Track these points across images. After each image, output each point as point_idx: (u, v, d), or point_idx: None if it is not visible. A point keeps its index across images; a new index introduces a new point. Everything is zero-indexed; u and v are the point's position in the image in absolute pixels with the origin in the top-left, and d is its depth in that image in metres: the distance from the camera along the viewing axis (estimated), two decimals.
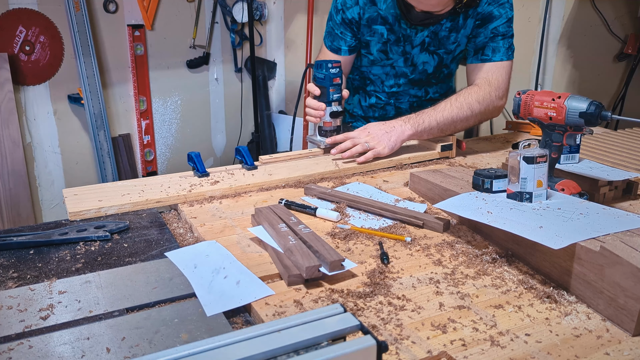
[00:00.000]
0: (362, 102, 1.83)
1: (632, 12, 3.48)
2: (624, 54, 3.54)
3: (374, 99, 1.80)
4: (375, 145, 1.46)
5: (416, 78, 1.73)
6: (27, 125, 2.51)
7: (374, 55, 1.69)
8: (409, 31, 1.61)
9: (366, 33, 1.64)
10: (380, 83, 1.76)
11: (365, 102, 1.83)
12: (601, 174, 1.19)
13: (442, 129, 1.53)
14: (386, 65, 1.71)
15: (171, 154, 2.89)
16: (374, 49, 1.67)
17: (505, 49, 1.59)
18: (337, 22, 1.65)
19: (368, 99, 1.82)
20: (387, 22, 1.61)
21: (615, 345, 0.75)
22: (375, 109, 1.82)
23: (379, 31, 1.62)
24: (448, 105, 1.53)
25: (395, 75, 1.73)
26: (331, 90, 1.51)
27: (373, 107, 1.82)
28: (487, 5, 1.55)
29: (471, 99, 1.54)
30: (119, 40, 2.59)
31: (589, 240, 0.84)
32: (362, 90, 1.81)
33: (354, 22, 1.63)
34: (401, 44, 1.64)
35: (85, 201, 1.18)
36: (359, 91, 1.83)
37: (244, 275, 0.90)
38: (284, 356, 0.56)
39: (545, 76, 3.39)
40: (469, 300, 0.84)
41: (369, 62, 1.72)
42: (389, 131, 1.48)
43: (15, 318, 0.79)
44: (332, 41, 1.70)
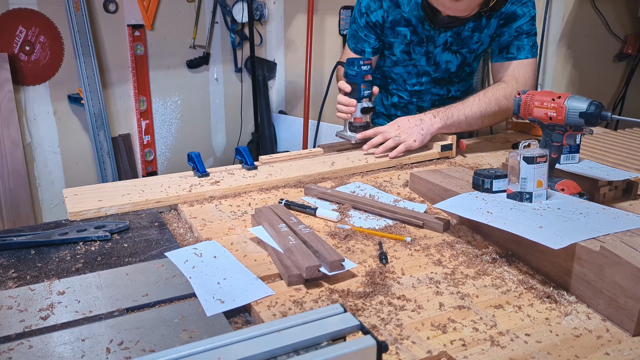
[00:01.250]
0: (384, 101, 1.84)
1: (632, 12, 3.48)
2: (624, 54, 3.54)
3: (395, 97, 1.81)
4: (405, 138, 1.49)
5: (439, 77, 1.73)
6: (27, 125, 2.51)
7: (397, 56, 1.70)
8: (432, 32, 1.62)
9: (389, 35, 1.65)
10: (403, 82, 1.77)
11: (387, 101, 1.84)
12: (601, 174, 1.19)
13: (470, 123, 1.56)
14: (408, 65, 1.72)
15: (171, 154, 2.89)
16: (397, 50, 1.68)
17: (529, 46, 1.61)
18: (361, 25, 1.67)
19: (390, 97, 1.82)
20: (411, 24, 1.62)
21: (615, 345, 0.75)
22: (398, 107, 1.83)
23: (402, 33, 1.64)
24: (476, 100, 1.56)
25: (417, 74, 1.73)
26: (362, 87, 1.54)
27: (395, 106, 1.83)
28: (510, 5, 1.56)
29: (499, 95, 1.57)
30: (119, 40, 2.59)
31: (589, 240, 0.84)
32: (384, 90, 1.82)
33: (377, 25, 1.64)
34: (424, 44, 1.65)
35: (85, 201, 1.18)
36: (381, 90, 1.83)
37: (244, 275, 0.90)
38: (284, 356, 0.56)
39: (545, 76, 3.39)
40: (469, 300, 0.84)
41: (392, 62, 1.73)
42: (418, 124, 1.51)
43: (15, 318, 0.79)
44: (356, 43, 1.71)
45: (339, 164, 1.44)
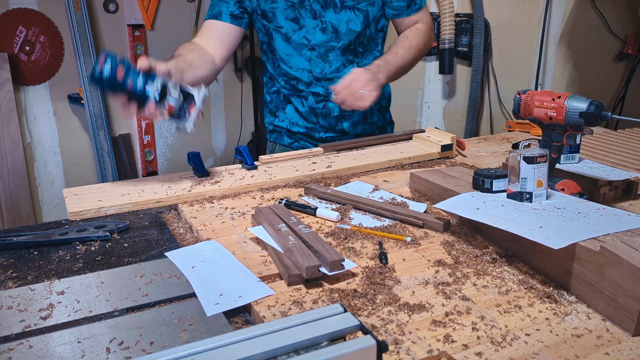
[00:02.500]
0: (301, 108, 1.66)
1: (632, 12, 3.48)
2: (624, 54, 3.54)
3: (311, 98, 1.64)
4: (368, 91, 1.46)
5: (345, 44, 1.58)
6: (27, 125, 2.51)
7: (284, 27, 1.55)
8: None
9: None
10: (309, 73, 1.61)
11: (304, 107, 1.66)
12: (601, 174, 1.19)
13: (401, 73, 1.61)
14: (304, 44, 1.56)
15: (171, 154, 2.89)
16: (282, 18, 1.54)
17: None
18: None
19: (305, 102, 1.65)
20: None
21: (615, 345, 0.75)
22: (317, 110, 1.66)
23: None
24: (407, 53, 1.61)
25: (321, 55, 1.58)
26: (129, 83, 1.10)
27: (313, 110, 1.66)
28: None
29: (421, 45, 1.64)
30: (119, 40, 2.59)
31: (589, 240, 0.84)
32: (295, 95, 1.66)
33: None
34: (307, 4, 1.52)
35: (85, 201, 1.18)
36: (290, 99, 1.67)
37: (244, 275, 0.90)
38: (284, 356, 0.56)
39: (545, 76, 3.39)
40: (469, 300, 0.84)
41: (283, 39, 1.57)
42: (371, 77, 1.48)
43: (15, 318, 0.79)
44: (213, 9, 1.55)
45: (339, 164, 1.44)
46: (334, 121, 1.67)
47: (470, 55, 3.05)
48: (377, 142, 1.61)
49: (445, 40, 2.97)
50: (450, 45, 2.98)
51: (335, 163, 1.44)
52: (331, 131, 1.68)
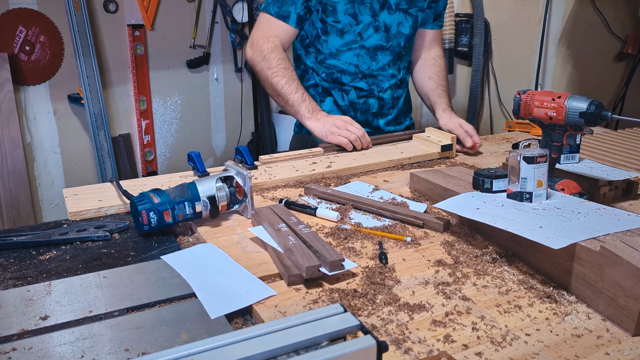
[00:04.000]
0: (340, 102, 1.69)
1: (632, 12, 3.48)
2: (624, 54, 3.54)
3: (352, 93, 1.66)
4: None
5: (393, 47, 1.64)
6: (27, 125, 2.51)
7: (342, 23, 1.56)
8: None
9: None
10: (355, 68, 1.64)
11: (343, 101, 1.68)
12: (601, 174, 1.19)
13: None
14: (356, 41, 1.60)
15: (171, 154, 2.88)
16: (342, 12, 1.56)
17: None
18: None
19: (346, 96, 1.67)
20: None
21: (615, 345, 0.75)
22: (356, 106, 1.69)
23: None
24: (447, 87, 1.75)
25: (369, 52, 1.62)
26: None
27: (353, 105, 1.69)
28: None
29: (446, 74, 1.75)
30: (119, 40, 2.59)
31: (589, 240, 0.84)
32: (336, 89, 1.67)
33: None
34: (367, 1, 1.57)
35: (85, 201, 1.18)
36: (331, 92, 1.69)
37: (244, 277, 0.90)
38: (284, 356, 0.56)
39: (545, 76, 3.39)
40: (469, 300, 0.84)
41: (336, 41, 1.59)
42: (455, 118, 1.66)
43: (15, 318, 0.79)
44: (281, 7, 1.55)
45: (339, 164, 1.44)
46: (371, 117, 1.71)
47: (470, 55, 3.05)
48: (378, 142, 1.61)
49: (445, 40, 2.97)
50: (450, 45, 2.98)
51: (335, 163, 1.44)
52: (367, 127, 1.71)
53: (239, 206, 1.14)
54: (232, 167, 1.15)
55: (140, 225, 1.03)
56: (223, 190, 1.09)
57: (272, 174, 1.37)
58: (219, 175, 1.11)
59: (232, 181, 1.12)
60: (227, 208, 1.12)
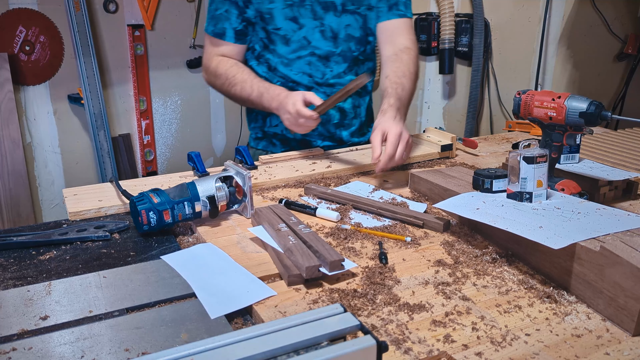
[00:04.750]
0: None
1: (632, 12, 3.48)
2: (624, 54, 3.54)
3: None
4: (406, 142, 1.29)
5: (344, 52, 1.52)
6: (27, 125, 2.51)
7: (282, 29, 1.47)
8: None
9: (264, 0, 1.45)
10: (310, 78, 1.53)
11: None
12: (601, 174, 1.19)
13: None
14: (304, 47, 1.49)
15: (171, 154, 2.88)
16: (280, 18, 1.46)
17: (409, 4, 1.55)
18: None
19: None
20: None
21: (615, 345, 0.75)
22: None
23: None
24: (409, 81, 1.47)
25: (320, 60, 1.52)
26: None
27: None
28: None
29: (414, 68, 1.50)
30: (119, 40, 2.59)
31: (589, 240, 0.84)
32: None
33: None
34: (308, 4, 1.46)
35: (85, 201, 1.18)
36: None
37: (244, 277, 0.90)
38: (284, 356, 0.56)
39: (545, 76, 3.39)
40: (469, 300, 0.84)
41: (283, 41, 1.49)
42: (395, 116, 1.35)
43: (15, 318, 0.79)
44: (216, 24, 1.48)
45: (339, 164, 1.44)
46: (333, 129, 1.61)
47: (470, 55, 3.05)
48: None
49: (445, 40, 2.97)
50: (450, 45, 2.98)
51: (335, 163, 1.44)
52: (329, 139, 1.62)
53: (239, 206, 1.14)
54: (231, 167, 1.15)
55: (139, 225, 1.03)
56: (222, 190, 1.09)
57: (272, 174, 1.37)
58: (219, 175, 1.11)
59: (231, 181, 1.12)
60: (227, 208, 1.12)
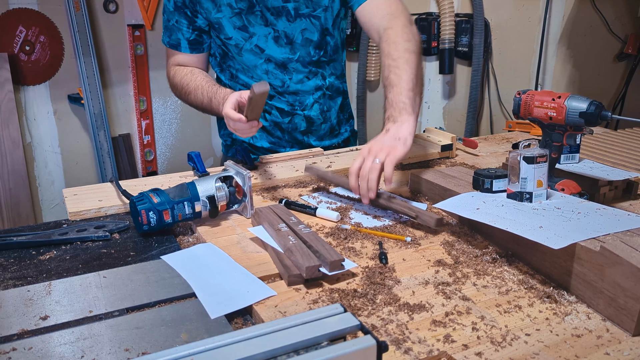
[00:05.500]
0: (264, 122, 1.53)
1: (632, 12, 3.48)
2: (624, 54, 3.54)
3: (274, 112, 1.51)
4: (387, 153, 1.15)
5: (304, 56, 1.45)
6: (27, 125, 2.51)
7: (234, 39, 1.42)
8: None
9: (212, 10, 1.40)
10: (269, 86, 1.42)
11: (266, 122, 1.54)
12: (601, 174, 1.19)
13: (420, 94, 1.28)
14: (259, 55, 1.44)
15: (171, 154, 2.88)
16: (229, 27, 1.41)
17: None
18: (170, 9, 1.43)
19: (268, 115, 1.53)
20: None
21: (615, 345, 0.75)
22: (281, 125, 1.53)
23: (222, 1, 1.38)
24: (407, 67, 1.25)
25: (277, 67, 1.46)
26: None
27: (278, 125, 1.53)
28: None
29: (404, 45, 1.28)
30: (119, 40, 2.59)
31: (589, 240, 0.84)
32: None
33: (186, 3, 1.40)
34: (256, 8, 1.39)
35: (85, 201, 1.18)
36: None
37: (244, 277, 0.90)
38: (284, 356, 0.56)
39: (545, 76, 3.39)
40: (469, 300, 0.84)
41: (236, 51, 1.45)
42: (392, 132, 1.19)
43: (15, 318, 0.79)
44: (170, 35, 1.46)
45: (339, 164, 1.44)
46: (300, 136, 1.56)
47: (470, 55, 3.05)
48: None
49: (445, 40, 2.97)
50: (450, 45, 2.98)
51: (335, 163, 1.44)
52: (297, 146, 1.58)
53: (239, 206, 1.14)
54: (231, 167, 1.15)
55: (139, 225, 1.03)
56: (222, 190, 1.09)
57: (272, 174, 1.37)
58: (219, 175, 1.11)
59: (231, 181, 1.12)
60: (227, 208, 1.12)
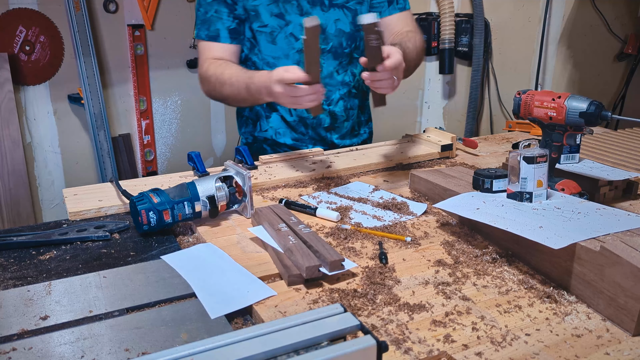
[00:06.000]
0: (288, 117, 1.55)
1: (632, 12, 3.48)
2: (624, 54, 3.54)
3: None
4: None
5: (335, 47, 1.48)
6: (27, 125, 2.51)
7: (269, 26, 1.43)
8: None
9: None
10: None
11: (291, 117, 1.54)
12: (601, 174, 1.19)
13: (413, 64, 1.44)
14: (292, 45, 1.45)
15: (171, 154, 2.88)
16: (266, 15, 1.43)
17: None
18: (208, 0, 1.44)
19: (293, 110, 1.54)
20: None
21: (615, 345, 0.75)
22: (306, 121, 1.55)
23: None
24: (414, 40, 1.43)
25: None
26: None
27: (303, 120, 1.55)
28: None
29: (412, 42, 1.43)
30: (119, 40, 2.59)
31: (589, 240, 0.84)
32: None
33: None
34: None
35: (85, 201, 1.18)
36: (276, 107, 1.54)
37: (244, 277, 0.90)
38: (284, 356, 0.56)
39: (545, 76, 3.39)
40: (469, 300, 0.84)
41: (269, 40, 1.45)
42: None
43: (15, 318, 0.79)
44: (209, 27, 1.45)
45: (339, 164, 1.44)
46: (323, 132, 1.58)
47: (470, 55, 3.05)
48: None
49: (445, 40, 2.97)
50: (450, 45, 2.98)
51: (335, 163, 1.44)
52: (320, 143, 1.59)
53: (239, 206, 1.14)
54: (231, 167, 1.15)
55: (139, 225, 1.03)
56: (222, 190, 1.09)
57: (272, 174, 1.37)
58: (219, 175, 1.11)
59: (231, 181, 1.12)
60: (227, 208, 1.12)
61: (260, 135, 1.60)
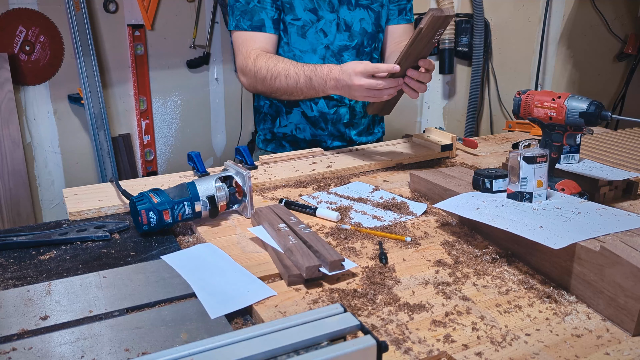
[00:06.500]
0: (309, 113, 1.58)
1: (632, 12, 3.48)
2: (624, 54, 3.54)
3: (321, 102, 1.54)
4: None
5: (358, 45, 1.53)
6: (27, 125, 2.51)
7: (301, 20, 1.46)
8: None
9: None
10: None
11: (312, 112, 1.57)
12: (601, 174, 1.19)
13: None
14: (320, 41, 1.49)
15: (171, 154, 2.88)
16: (300, 9, 1.47)
17: (412, 8, 1.63)
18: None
19: (314, 106, 1.56)
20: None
21: (615, 345, 0.75)
22: (326, 116, 1.58)
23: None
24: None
25: (334, 55, 1.52)
26: None
27: (323, 115, 1.57)
28: None
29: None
30: (119, 40, 2.59)
31: (589, 240, 0.84)
32: (304, 100, 1.55)
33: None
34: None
35: (85, 201, 1.18)
36: (298, 103, 1.57)
37: (244, 277, 0.90)
38: (284, 356, 0.56)
39: (545, 76, 3.39)
40: (469, 300, 0.84)
41: (299, 33, 1.49)
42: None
43: (15, 318, 0.79)
44: (252, 18, 1.46)
45: (339, 164, 1.44)
46: (343, 128, 1.61)
47: (470, 55, 3.05)
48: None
49: (445, 40, 2.97)
50: (450, 45, 2.98)
51: (335, 163, 1.44)
52: (338, 139, 1.63)
53: (239, 206, 1.14)
54: (231, 167, 1.15)
55: (139, 225, 1.03)
56: (222, 190, 1.09)
57: (272, 174, 1.37)
58: (219, 175, 1.11)
59: (231, 181, 1.12)
60: (227, 208, 1.12)
61: (279, 131, 1.63)
